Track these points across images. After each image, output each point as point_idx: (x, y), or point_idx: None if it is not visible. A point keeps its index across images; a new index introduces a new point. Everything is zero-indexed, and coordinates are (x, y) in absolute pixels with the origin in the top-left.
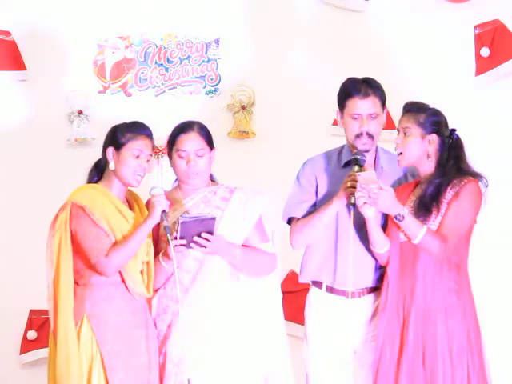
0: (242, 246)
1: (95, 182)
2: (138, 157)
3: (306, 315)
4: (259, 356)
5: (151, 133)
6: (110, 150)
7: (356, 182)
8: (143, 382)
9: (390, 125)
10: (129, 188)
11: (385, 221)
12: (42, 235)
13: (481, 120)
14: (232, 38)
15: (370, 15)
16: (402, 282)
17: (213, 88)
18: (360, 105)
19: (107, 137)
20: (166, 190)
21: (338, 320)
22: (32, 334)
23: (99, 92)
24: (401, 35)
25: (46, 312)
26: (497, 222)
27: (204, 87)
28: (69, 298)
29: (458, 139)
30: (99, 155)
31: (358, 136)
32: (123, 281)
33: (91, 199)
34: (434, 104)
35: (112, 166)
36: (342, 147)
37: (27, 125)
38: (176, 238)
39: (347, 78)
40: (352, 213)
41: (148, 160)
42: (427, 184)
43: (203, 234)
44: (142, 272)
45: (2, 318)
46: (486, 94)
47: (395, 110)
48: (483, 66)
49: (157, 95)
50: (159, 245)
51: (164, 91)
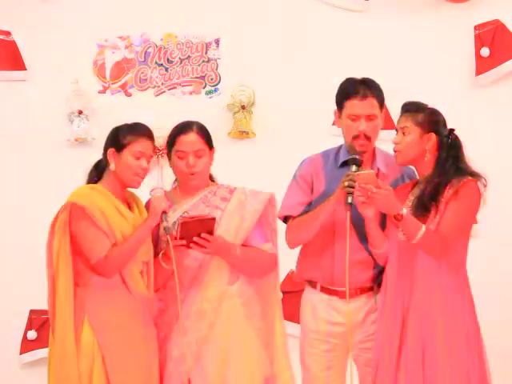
0: (242, 245)
1: (94, 182)
2: (138, 158)
3: (300, 314)
4: (259, 356)
5: (152, 134)
6: (111, 152)
7: (354, 181)
8: (143, 383)
9: (390, 125)
10: (128, 189)
11: (384, 220)
12: (42, 235)
13: (481, 120)
14: (232, 38)
15: (370, 15)
16: (400, 281)
17: (213, 88)
18: (358, 106)
19: (108, 138)
20: (165, 191)
21: (332, 319)
22: (32, 334)
23: (99, 92)
24: (401, 35)
25: (46, 312)
26: (496, 222)
27: (204, 87)
28: (67, 298)
29: (456, 139)
30: (99, 155)
31: (355, 137)
32: (123, 281)
33: (91, 200)
34: (434, 104)
35: (113, 167)
36: (339, 147)
37: (27, 125)
38: (176, 239)
39: (345, 79)
40: (348, 213)
41: (149, 161)
42: (426, 184)
43: (203, 235)
44: (141, 272)
45: (1, 318)
46: (485, 94)
47: (395, 110)
48: (483, 65)
49: (157, 95)
50: (159, 245)
51: (164, 91)
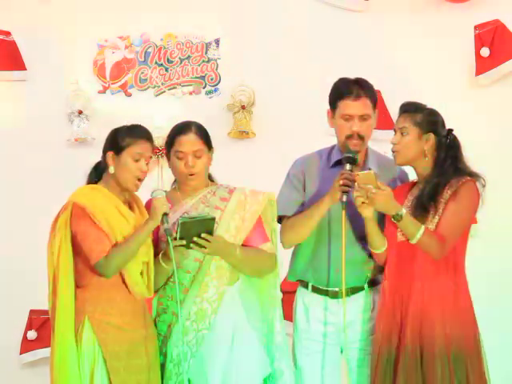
0: (242, 245)
1: (94, 183)
2: (137, 160)
3: (294, 314)
4: (259, 356)
5: (151, 135)
6: (110, 155)
7: (349, 180)
8: (144, 383)
9: (388, 125)
10: None
11: (382, 220)
12: (43, 235)
13: (480, 120)
14: (232, 38)
15: (370, 15)
16: (399, 281)
17: (213, 88)
18: (352, 106)
19: (107, 140)
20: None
21: (324, 319)
22: (32, 334)
23: (99, 92)
24: (401, 35)
25: (46, 312)
26: (495, 222)
27: (204, 87)
28: (68, 298)
29: (454, 139)
30: (99, 155)
31: (348, 137)
32: (124, 281)
33: (92, 200)
34: (433, 104)
35: (112, 170)
36: (332, 147)
37: (27, 125)
38: (176, 239)
39: (339, 79)
40: (343, 212)
41: (148, 163)
42: (425, 184)
43: (203, 235)
44: (142, 272)
45: (1, 318)
46: (485, 94)
47: (395, 109)
48: (483, 65)
49: (157, 95)
50: (159, 245)
51: (164, 91)
